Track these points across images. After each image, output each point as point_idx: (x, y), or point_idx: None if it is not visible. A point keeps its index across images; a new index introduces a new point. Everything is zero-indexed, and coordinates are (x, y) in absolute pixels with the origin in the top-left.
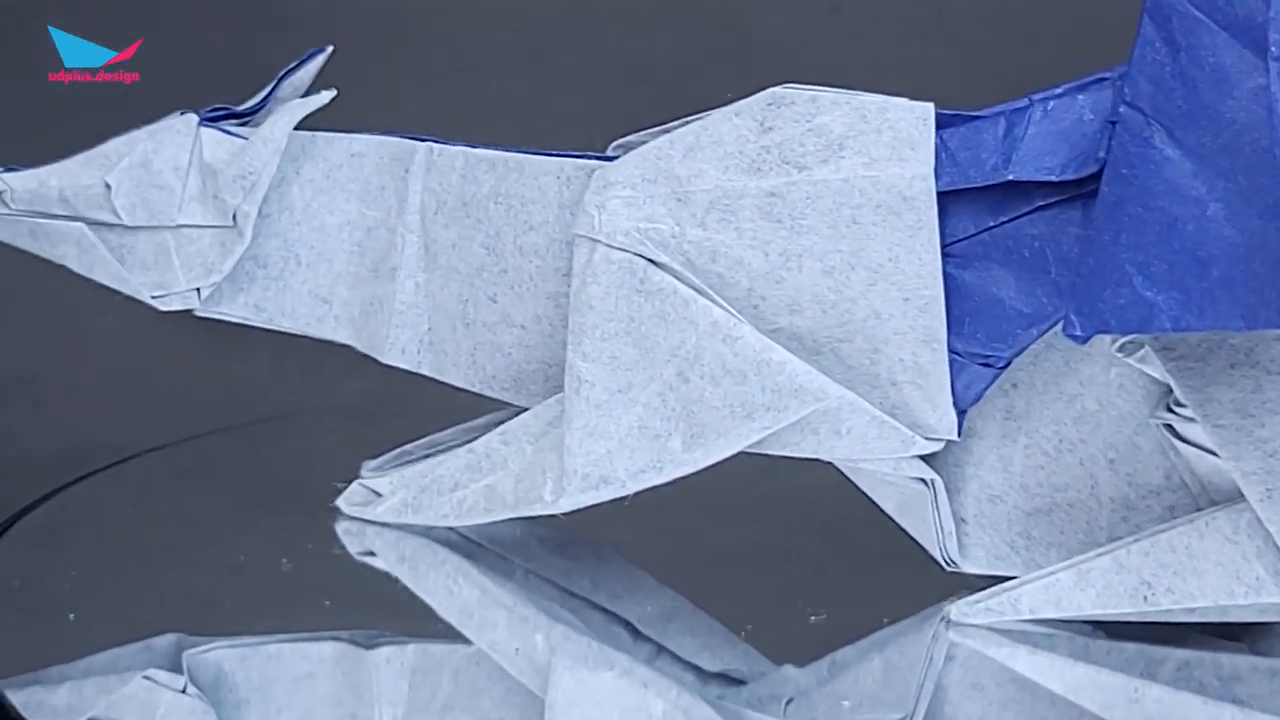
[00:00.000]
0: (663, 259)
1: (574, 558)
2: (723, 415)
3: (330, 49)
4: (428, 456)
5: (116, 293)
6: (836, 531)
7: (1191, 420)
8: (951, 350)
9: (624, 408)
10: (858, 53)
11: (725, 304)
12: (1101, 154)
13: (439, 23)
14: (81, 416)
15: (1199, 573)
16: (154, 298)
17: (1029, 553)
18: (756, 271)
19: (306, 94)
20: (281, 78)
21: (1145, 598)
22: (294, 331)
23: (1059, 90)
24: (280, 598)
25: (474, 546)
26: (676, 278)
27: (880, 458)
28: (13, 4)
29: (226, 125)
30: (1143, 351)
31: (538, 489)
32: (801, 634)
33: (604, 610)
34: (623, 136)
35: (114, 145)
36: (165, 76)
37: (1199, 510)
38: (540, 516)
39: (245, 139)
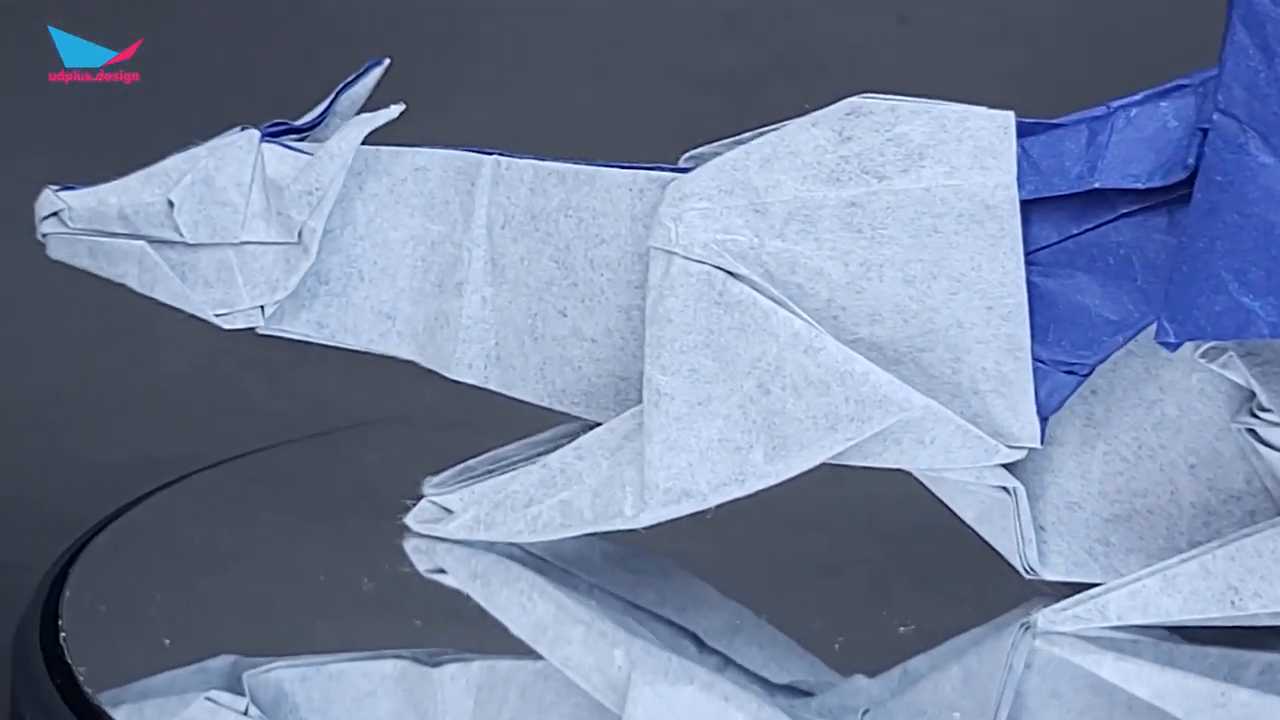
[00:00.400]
0: (741, 270)
1: (638, 571)
2: (805, 427)
3: (388, 61)
4: (491, 472)
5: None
6: (901, 540)
7: (1276, 425)
8: (1035, 358)
9: (704, 420)
10: (926, 60)
11: (805, 315)
12: (1190, 160)
13: (493, 29)
14: (151, 428)
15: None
16: (217, 316)
17: (1108, 559)
18: (836, 282)
19: (365, 107)
20: (340, 90)
21: (1232, 602)
22: (357, 348)
23: (1138, 97)
24: (347, 614)
25: (543, 563)
26: (756, 289)
27: (964, 467)
28: (13, 4)
29: (288, 140)
30: (1225, 356)
31: (617, 504)
32: (870, 643)
33: (670, 623)
34: (694, 148)
35: (174, 162)
36: (165, 76)
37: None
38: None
39: (309, 154)
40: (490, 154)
